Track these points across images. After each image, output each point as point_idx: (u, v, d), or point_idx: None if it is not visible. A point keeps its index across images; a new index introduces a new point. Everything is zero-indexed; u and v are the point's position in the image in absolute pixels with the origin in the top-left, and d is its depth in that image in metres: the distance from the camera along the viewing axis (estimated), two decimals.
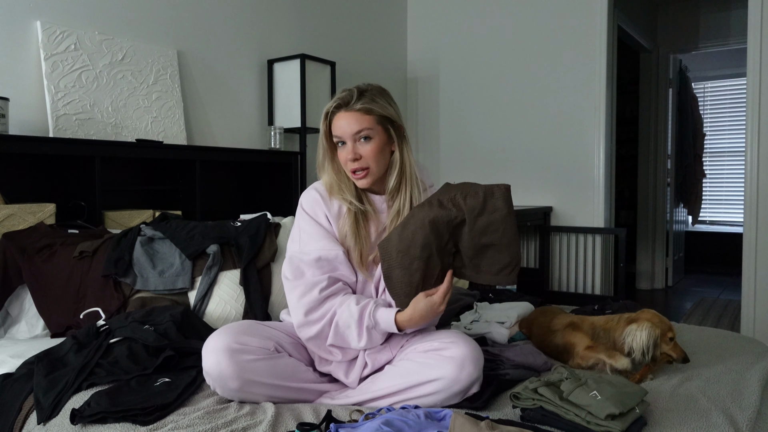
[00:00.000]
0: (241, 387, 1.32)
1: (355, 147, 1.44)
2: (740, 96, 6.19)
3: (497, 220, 1.35)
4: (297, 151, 3.10)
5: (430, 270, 1.36)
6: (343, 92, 1.46)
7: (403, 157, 1.49)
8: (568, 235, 3.72)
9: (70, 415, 1.25)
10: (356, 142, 1.44)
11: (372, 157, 1.44)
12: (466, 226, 1.36)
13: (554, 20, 3.69)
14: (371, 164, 1.45)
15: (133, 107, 2.57)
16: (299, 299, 1.43)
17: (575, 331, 1.67)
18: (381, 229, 1.51)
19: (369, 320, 1.38)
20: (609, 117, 3.64)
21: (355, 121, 1.42)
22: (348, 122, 1.43)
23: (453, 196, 1.37)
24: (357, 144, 1.44)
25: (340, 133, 1.44)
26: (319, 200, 1.50)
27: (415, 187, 1.50)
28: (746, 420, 1.27)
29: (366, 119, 1.43)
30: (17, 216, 2.00)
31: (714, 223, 6.50)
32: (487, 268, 1.37)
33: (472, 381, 1.32)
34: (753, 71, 3.12)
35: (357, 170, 1.45)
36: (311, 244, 1.46)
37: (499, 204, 1.35)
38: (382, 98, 1.47)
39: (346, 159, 1.45)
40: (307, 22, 3.51)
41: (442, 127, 4.16)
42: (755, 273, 3.13)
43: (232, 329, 1.37)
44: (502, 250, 1.35)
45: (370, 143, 1.43)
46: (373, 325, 1.38)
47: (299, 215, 1.52)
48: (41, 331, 1.86)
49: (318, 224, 1.48)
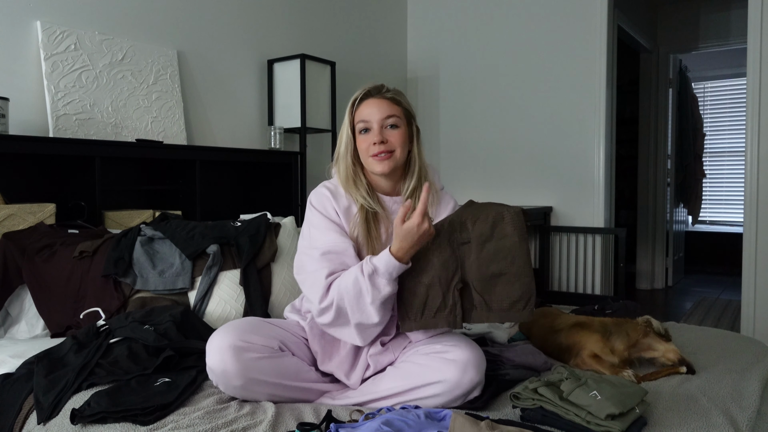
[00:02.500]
0: (244, 385, 1.32)
1: (382, 131, 1.46)
2: (740, 96, 6.19)
3: (506, 247, 1.29)
4: (297, 151, 3.10)
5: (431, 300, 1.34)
6: (369, 85, 1.51)
7: (421, 157, 1.53)
8: (568, 235, 3.72)
9: (70, 415, 1.25)
10: (384, 128, 1.46)
11: (399, 143, 1.47)
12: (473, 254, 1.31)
13: (554, 20, 3.69)
14: (397, 149, 1.47)
15: (133, 107, 2.57)
16: (310, 290, 1.42)
17: (583, 330, 1.66)
18: (391, 231, 1.50)
19: (368, 266, 1.33)
20: (609, 117, 3.64)
21: (386, 107, 1.47)
22: (379, 108, 1.47)
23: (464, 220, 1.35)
24: (384, 129, 1.47)
25: (368, 117, 1.47)
26: (328, 196, 1.50)
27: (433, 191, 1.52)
28: (746, 420, 1.27)
29: (395, 108, 1.48)
30: (17, 216, 2.00)
31: (714, 223, 6.50)
32: (497, 304, 1.31)
33: (473, 385, 1.32)
34: (753, 71, 3.12)
35: (381, 153, 1.45)
36: (320, 238, 1.45)
37: (508, 230, 1.30)
38: (406, 97, 1.55)
39: (369, 144, 1.46)
40: (307, 22, 3.51)
41: (442, 127, 4.16)
42: (755, 273, 3.13)
43: (236, 327, 1.37)
44: (513, 282, 1.29)
45: (396, 130, 1.47)
46: (373, 269, 1.33)
47: (308, 211, 1.52)
48: (41, 331, 1.86)
49: (327, 218, 1.48)
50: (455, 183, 4.09)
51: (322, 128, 3.26)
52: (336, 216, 1.48)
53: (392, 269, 1.32)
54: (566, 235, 3.73)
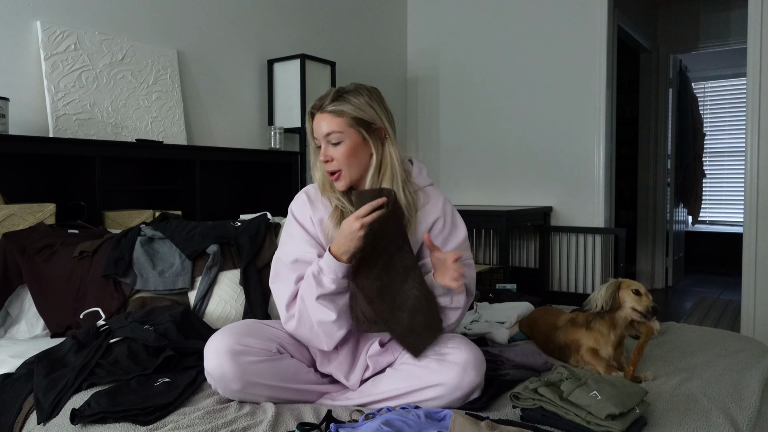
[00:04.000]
0: (242, 388, 1.32)
1: (326, 149, 1.43)
2: (740, 96, 6.19)
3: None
4: (297, 151, 3.10)
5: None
6: (324, 93, 1.45)
7: (382, 159, 1.44)
8: (568, 235, 3.72)
9: (70, 415, 1.25)
10: (328, 144, 1.43)
11: (342, 160, 1.42)
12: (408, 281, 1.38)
13: (554, 20, 3.69)
14: (342, 167, 1.42)
15: (133, 107, 2.57)
16: (280, 297, 1.44)
17: (574, 327, 1.69)
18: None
19: (315, 266, 1.35)
20: (609, 117, 3.64)
21: (325, 124, 1.42)
22: (319, 125, 1.43)
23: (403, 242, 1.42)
24: (328, 146, 1.43)
25: (315, 134, 1.45)
26: (306, 203, 1.50)
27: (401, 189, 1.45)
28: (746, 420, 1.27)
29: (336, 122, 1.41)
30: (17, 216, 2.00)
31: (714, 223, 6.50)
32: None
33: (473, 387, 1.32)
34: (753, 71, 3.12)
35: (331, 172, 1.44)
36: (292, 246, 1.46)
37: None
38: (363, 99, 1.42)
39: (321, 160, 1.46)
40: (307, 22, 3.51)
41: (442, 127, 4.16)
42: (755, 273, 3.13)
43: (234, 330, 1.37)
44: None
45: (340, 146, 1.42)
46: (319, 269, 1.34)
47: (287, 217, 1.53)
48: (41, 331, 1.86)
49: (301, 228, 1.48)
50: (455, 183, 4.09)
51: None
52: (311, 225, 1.48)
53: (334, 267, 1.32)
54: (566, 235, 3.73)
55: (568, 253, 3.73)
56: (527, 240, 3.88)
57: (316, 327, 1.37)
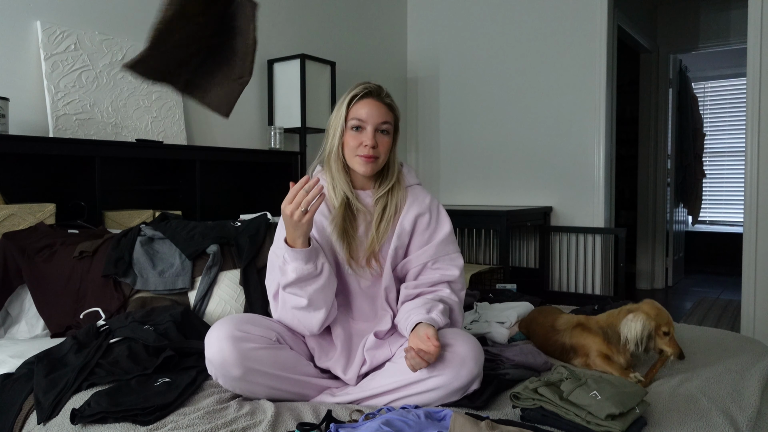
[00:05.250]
0: (243, 375, 1.33)
1: (374, 135, 1.49)
2: (740, 96, 6.19)
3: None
4: (297, 151, 3.10)
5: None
6: (367, 84, 1.52)
7: (396, 158, 1.59)
8: (568, 235, 3.72)
9: (70, 415, 1.25)
10: (377, 131, 1.49)
11: (385, 150, 1.51)
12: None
13: (554, 20, 3.69)
14: (382, 155, 1.51)
15: (133, 107, 2.57)
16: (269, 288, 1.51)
17: (585, 333, 1.66)
18: (368, 223, 1.54)
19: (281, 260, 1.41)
20: (609, 117, 3.64)
21: (385, 112, 1.50)
22: (378, 111, 1.49)
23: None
24: (377, 133, 1.49)
25: (365, 117, 1.48)
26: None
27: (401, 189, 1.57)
28: (746, 420, 1.27)
29: (390, 115, 1.52)
30: (17, 216, 2.00)
31: (714, 223, 6.50)
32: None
33: (472, 378, 1.32)
34: (753, 71, 3.12)
35: (369, 156, 1.48)
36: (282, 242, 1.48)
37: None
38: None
39: (359, 143, 1.48)
40: (307, 22, 3.51)
41: (442, 127, 4.16)
42: (755, 273, 3.13)
43: (234, 318, 1.40)
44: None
45: (387, 137, 1.51)
46: (284, 261, 1.40)
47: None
48: (41, 331, 1.86)
49: None
50: (455, 183, 4.09)
51: (322, 128, 3.26)
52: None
53: (293, 255, 1.37)
54: (566, 235, 3.73)
55: (568, 253, 3.73)
56: (527, 240, 3.88)
57: (295, 313, 1.43)
